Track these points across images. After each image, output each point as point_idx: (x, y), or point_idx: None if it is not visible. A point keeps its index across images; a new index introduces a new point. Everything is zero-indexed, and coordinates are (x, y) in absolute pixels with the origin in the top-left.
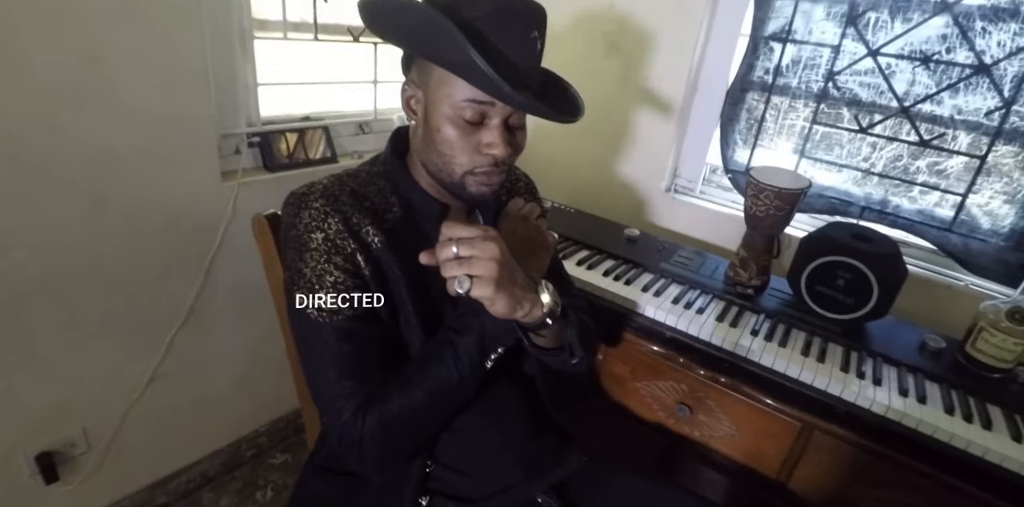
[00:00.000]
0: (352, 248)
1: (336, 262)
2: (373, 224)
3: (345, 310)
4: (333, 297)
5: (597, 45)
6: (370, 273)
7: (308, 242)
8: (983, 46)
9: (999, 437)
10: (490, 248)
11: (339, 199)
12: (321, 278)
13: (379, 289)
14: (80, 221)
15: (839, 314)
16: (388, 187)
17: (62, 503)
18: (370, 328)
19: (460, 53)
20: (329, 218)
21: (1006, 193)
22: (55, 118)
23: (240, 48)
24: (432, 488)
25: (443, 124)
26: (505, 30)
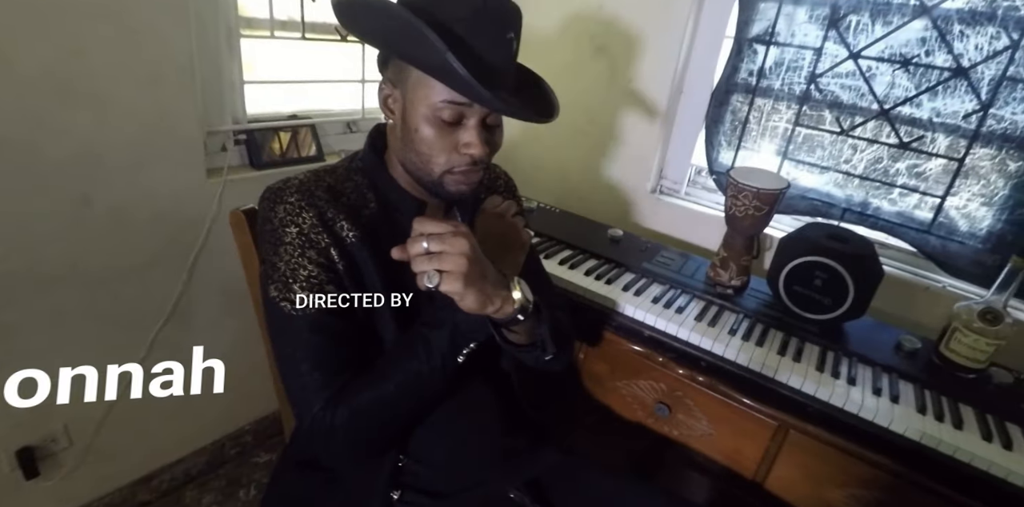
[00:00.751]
0: (326, 242)
1: (310, 256)
2: (348, 219)
3: (318, 303)
4: (306, 290)
5: (585, 47)
6: (344, 267)
7: (283, 236)
8: (961, 49)
9: (969, 436)
10: (460, 244)
11: (314, 194)
12: (295, 272)
13: (353, 283)
14: (64, 216)
15: (816, 314)
16: (366, 183)
17: (43, 499)
18: (343, 322)
19: (437, 56)
20: (304, 213)
21: (983, 196)
22: (39, 113)
23: (226, 46)
24: (404, 482)
25: (421, 124)
26: (481, 32)
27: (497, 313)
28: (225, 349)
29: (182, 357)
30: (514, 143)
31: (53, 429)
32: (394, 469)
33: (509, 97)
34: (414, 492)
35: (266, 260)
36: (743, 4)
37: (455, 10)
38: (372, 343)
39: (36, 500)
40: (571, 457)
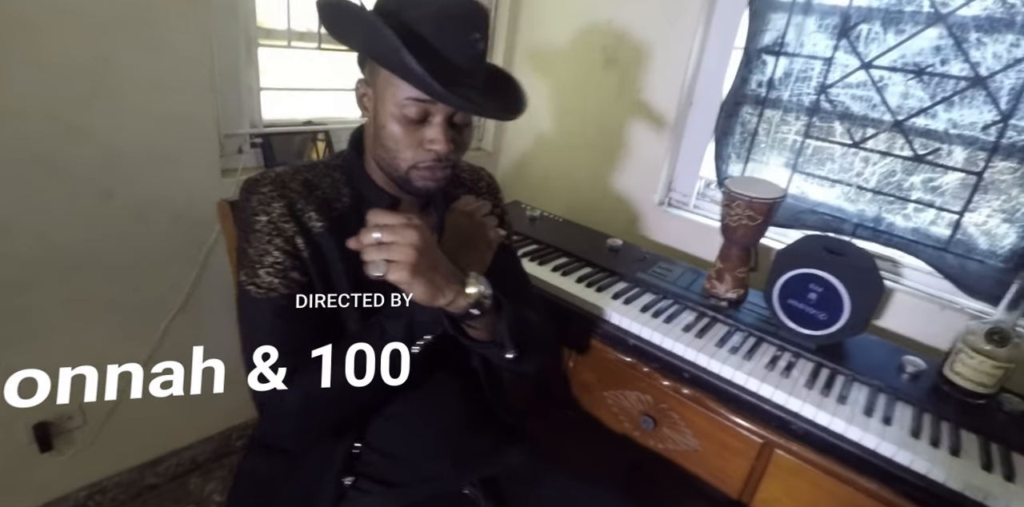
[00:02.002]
0: (293, 231)
1: (276, 243)
2: (318, 210)
3: (281, 288)
4: (271, 275)
5: (596, 58)
6: (309, 255)
7: (253, 224)
8: (978, 58)
9: (966, 464)
10: (410, 235)
11: (287, 186)
12: (262, 257)
13: (318, 271)
14: (87, 210)
15: (812, 330)
16: (343, 179)
17: (55, 471)
18: (304, 307)
19: (394, 54)
20: (274, 202)
21: (1004, 211)
22: (68, 114)
23: (245, 54)
24: (358, 469)
25: (388, 121)
26: (444, 32)
27: (450, 306)
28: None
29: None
30: (525, 153)
31: (70, 407)
32: (348, 455)
33: (476, 96)
34: (368, 480)
35: (239, 246)
36: (753, 14)
37: (420, 11)
38: (333, 329)
39: (49, 473)
40: (535, 460)
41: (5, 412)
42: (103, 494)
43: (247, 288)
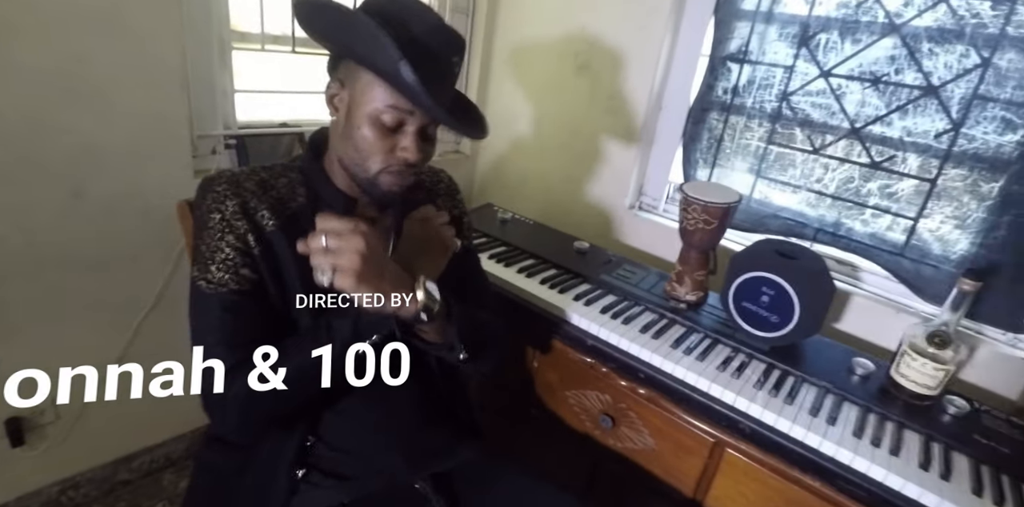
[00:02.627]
0: (245, 228)
1: (228, 240)
2: (271, 209)
3: (231, 284)
4: (222, 271)
5: (568, 65)
6: (260, 253)
7: (207, 221)
8: (931, 67)
9: (904, 463)
10: (356, 241)
11: (242, 185)
12: (214, 254)
13: (269, 269)
14: (59, 207)
15: (765, 332)
16: (299, 179)
17: (28, 467)
18: (253, 303)
19: (392, 65)
20: (227, 200)
21: (956, 218)
22: (40, 112)
23: (219, 57)
24: (311, 462)
25: (363, 124)
26: (431, 50)
27: (399, 311)
28: None
29: (164, 341)
30: (502, 156)
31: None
32: (300, 448)
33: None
34: (320, 473)
35: (194, 243)
36: (719, 23)
37: (412, 28)
38: (282, 325)
39: (21, 468)
40: (491, 458)
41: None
42: (76, 489)
43: (198, 283)
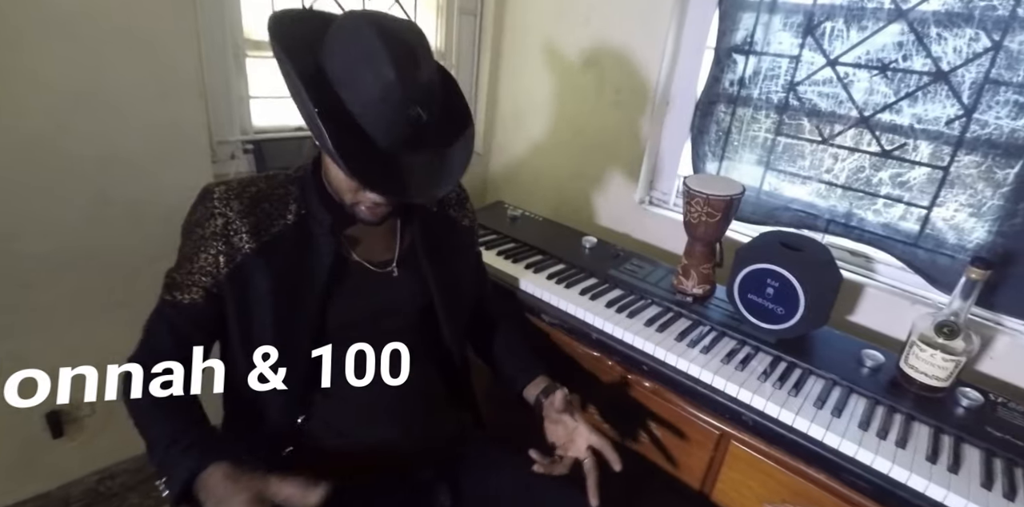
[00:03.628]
0: (217, 250)
1: (197, 258)
2: (251, 232)
3: (180, 298)
4: (181, 283)
5: (575, 59)
6: (226, 275)
7: (189, 234)
8: (939, 53)
9: (911, 456)
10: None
11: (231, 203)
12: (181, 263)
13: (233, 290)
14: (85, 212)
15: (771, 324)
16: (294, 193)
17: (67, 457)
18: (186, 321)
19: (328, 150)
20: (211, 219)
21: (971, 205)
22: (65, 121)
23: (234, 65)
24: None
25: (331, 166)
26: (378, 114)
27: None
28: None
29: None
30: (514, 155)
31: (77, 397)
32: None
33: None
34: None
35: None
36: (723, 14)
37: (355, 82)
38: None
39: (61, 458)
40: (492, 446)
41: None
42: (112, 479)
43: (166, 280)
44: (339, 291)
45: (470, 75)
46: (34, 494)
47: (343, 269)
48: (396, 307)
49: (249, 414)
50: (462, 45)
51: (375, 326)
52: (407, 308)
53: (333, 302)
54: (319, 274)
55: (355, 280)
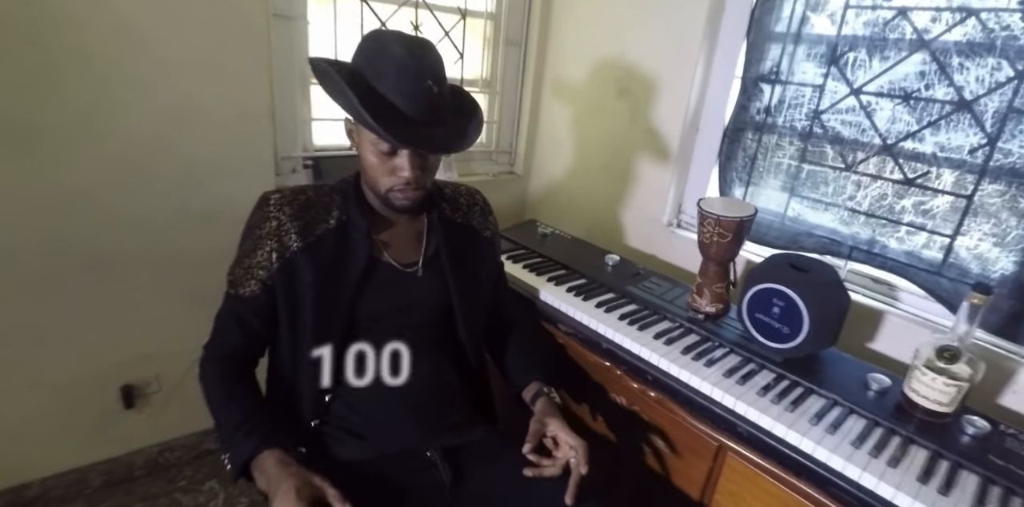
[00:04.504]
0: (270, 247)
1: (255, 254)
2: (299, 232)
3: (241, 292)
4: (241, 278)
5: (610, 89)
6: (277, 269)
7: (248, 234)
8: (962, 82)
9: (901, 475)
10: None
11: (283, 208)
12: (241, 260)
13: (283, 282)
14: (170, 216)
15: (777, 343)
16: (337, 202)
17: (135, 427)
18: (246, 311)
19: (360, 116)
20: (267, 222)
21: (995, 235)
22: (160, 138)
23: (300, 92)
24: (325, 419)
25: (367, 153)
26: (399, 87)
27: None
28: None
29: None
30: (551, 177)
31: (148, 375)
32: (318, 402)
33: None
34: (339, 429)
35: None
36: (751, 45)
37: (380, 71)
38: (268, 336)
39: (130, 428)
40: (501, 439)
41: (102, 373)
42: (171, 452)
43: (228, 277)
44: (370, 286)
45: (514, 102)
46: (106, 458)
47: (374, 267)
48: (418, 303)
49: (287, 391)
50: (507, 74)
51: (399, 319)
52: (428, 305)
53: (364, 295)
54: (354, 270)
55: (384, 277)
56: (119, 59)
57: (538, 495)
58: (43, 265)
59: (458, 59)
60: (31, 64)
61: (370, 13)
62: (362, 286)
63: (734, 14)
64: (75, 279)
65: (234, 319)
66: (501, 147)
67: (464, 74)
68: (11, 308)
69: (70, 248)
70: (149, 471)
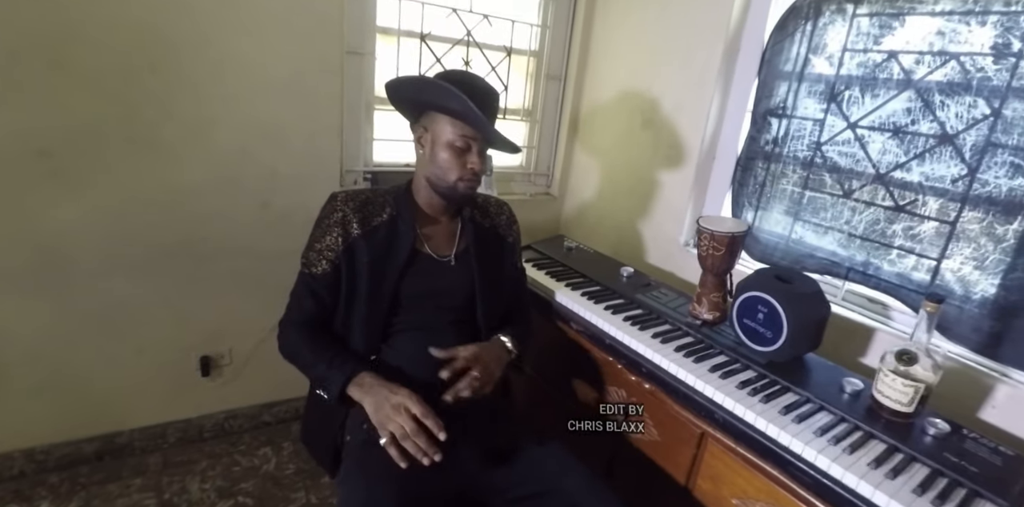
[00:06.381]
0: (337, 233)
1: (324, 240)
2: (360, 222)
3: (316, 267)
4: (316, 255)
5: (636, 120)
6: (342, 250)
7: (319, 224)
8: (944, 118)
9: (856, 460)
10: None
11: (348, 203)
12: (312, 245)
13: (347, 261)
14: (253, 214)
15: (762, 346)
16: (390, 201)
17: (207, 394)
18: (321, 286)
19: (461, 104)
20: (334, 213)
21: (975, 259)
22: (246, 149)
23: (365, 115)
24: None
25: (443, 150)
26: (483, 97)
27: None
28: None
29: None
30: (583, 199)
31: (223, 349)
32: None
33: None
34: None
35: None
36: (761, 83)
37: (468, 85)
38: (334, 306)
39: (203, 394)
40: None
41: (187, 344)
42: (234, 420)
43: (302, 260)
44: (412, 271)
45: (552, 130)
46: (182, 418)
47: (416, 255)
48: (449, 288)
49: None
50: (547, 105)
51: (434, 301)
52: (457, 291)
53: (406, 277)
54: (399, 256)
55: (423, 264)
56: (219, 84)
57: (532, 454)
58: (149, 249)
59: (503, 91)
60: (152, 87)
61: (428, 51)
62: (405, 270)
63: (747, 55)
64: (172, 263)
65: (309, 292)
66: (539, 170)
67: (508, 104)
68: (124, 284)
69: (171, 236)
70: (216, 434)
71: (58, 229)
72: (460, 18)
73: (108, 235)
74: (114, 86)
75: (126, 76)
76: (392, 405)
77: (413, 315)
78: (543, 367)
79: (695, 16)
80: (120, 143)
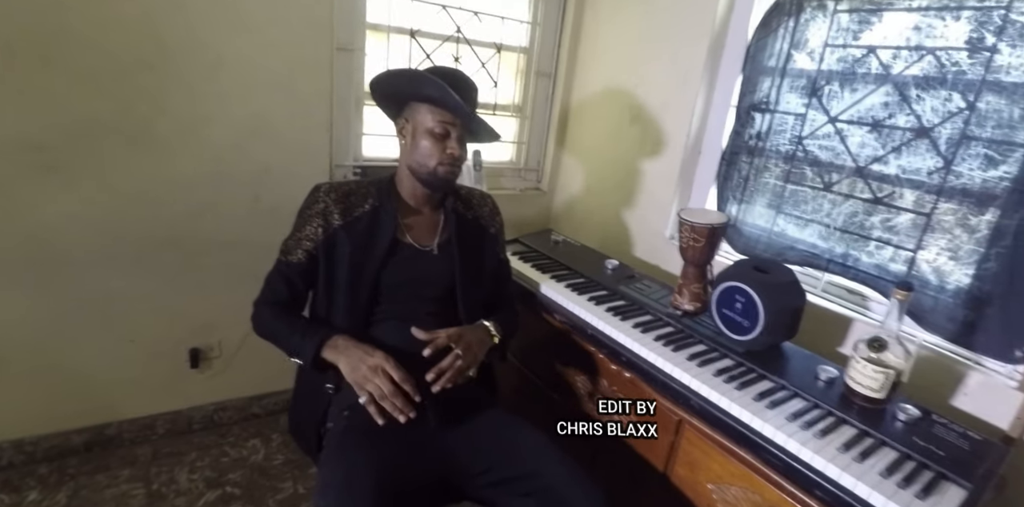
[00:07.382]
0: (317, 223)
1: (304, 229)
2: (341, 213)
3: (291, 259)
4: (295, 244)
5: (625, 116)
6: (322, 241)
7: (301, 214)
8: (920, 111)
9: (826, 444)
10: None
11: (330, 194)
12: (293, 234)
13: (325, 251)
14: (244, 208)
15: (740, 335)
16: (373, 193)
17: (197, 386)
18: (296, 275)
19: (442, 91)
20: (317, 204)
21: (949, 250)
22: (240, 144)
23: (354, 111)
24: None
25: (423, 137)
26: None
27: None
28: None
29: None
30: (572, 194)
31: (212, 341)
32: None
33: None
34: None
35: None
36: (746, 78)
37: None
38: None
39: (193, 386)
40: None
41: (176, 336)
42: (223, 412)
43: (281, 247)
44: (393, 260)
45: (542, 126)
46: (171, 410)
47: (397, 245)
48: (430, 278)
49: None
50: (537, 102)
51: (415, 290)
52: (438, 280)
53: (388, 266)
54: (381, 246)
55: (404, 253)
56: (211, 81)
57: (509, 438)
58: (142, 242)
59: (493, 87)
60: (146, 83)
61: (417, 47)
62: (387, 259)
63: (732, 51)
64: (164, 256)
65: (282, 278)
66: (529, 165)
67: (498, 100)
68: (115, 277)
69: (163, 230)
70: (204, 426)
71: (50, 222)
72: (450, 14)
73: (100, 228)
74: (108, 82)
75: (120, 72)
76: (369, 366)
77: (394, 304)
78: (528, 357)
79: (682, 13)
80: (114, 138)
